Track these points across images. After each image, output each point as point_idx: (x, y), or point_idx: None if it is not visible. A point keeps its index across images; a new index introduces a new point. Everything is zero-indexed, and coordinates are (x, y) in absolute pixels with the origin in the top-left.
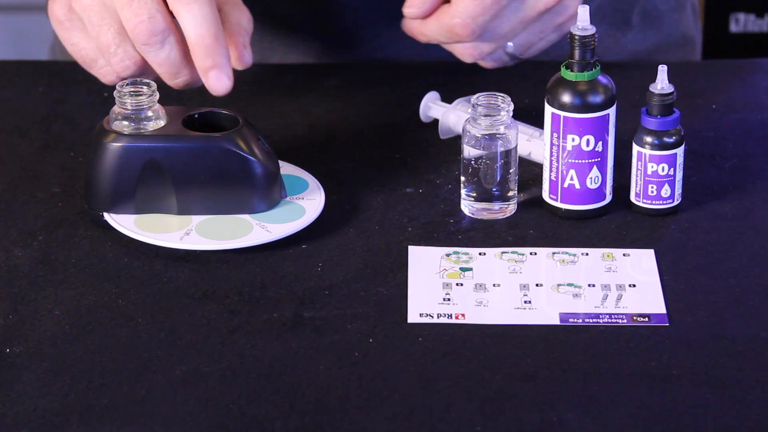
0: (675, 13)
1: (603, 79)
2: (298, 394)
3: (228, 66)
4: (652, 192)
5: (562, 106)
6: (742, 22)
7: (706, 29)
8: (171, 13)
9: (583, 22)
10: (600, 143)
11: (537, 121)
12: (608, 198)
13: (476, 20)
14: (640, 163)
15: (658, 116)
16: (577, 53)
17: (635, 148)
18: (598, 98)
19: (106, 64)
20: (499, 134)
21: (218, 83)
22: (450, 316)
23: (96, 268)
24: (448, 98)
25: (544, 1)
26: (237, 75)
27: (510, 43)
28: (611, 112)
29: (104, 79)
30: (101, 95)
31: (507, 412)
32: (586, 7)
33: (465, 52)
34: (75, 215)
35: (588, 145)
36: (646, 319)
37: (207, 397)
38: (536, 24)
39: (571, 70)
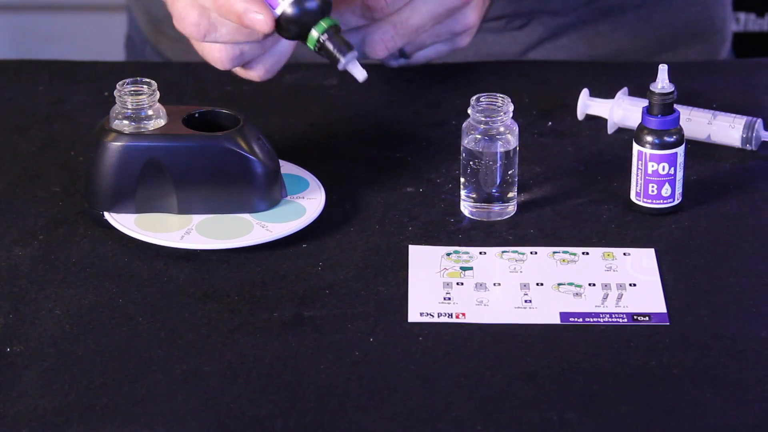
0: None
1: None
2: (298, 393)
3: None
4: (653, 191)
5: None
6: (742, 22)
7: None
8: None
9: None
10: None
11: (539, 120)
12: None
13: None
14: (640, 162)
15: (659, 115)
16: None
17: (635, 147)
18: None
19: None
20: (499, 135)
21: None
22: (450, 315)
23: (96, 267)
24: (444, 99)
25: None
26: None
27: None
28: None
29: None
30: (101, 95)
31: (507, 412)
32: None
33: (378, 46)
34: (75, 215)
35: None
36: (647, 318)
37: (207, 397)
38: (437, 26)
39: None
